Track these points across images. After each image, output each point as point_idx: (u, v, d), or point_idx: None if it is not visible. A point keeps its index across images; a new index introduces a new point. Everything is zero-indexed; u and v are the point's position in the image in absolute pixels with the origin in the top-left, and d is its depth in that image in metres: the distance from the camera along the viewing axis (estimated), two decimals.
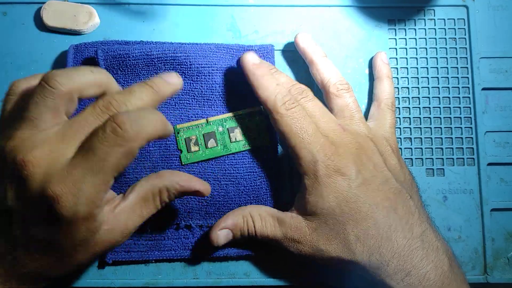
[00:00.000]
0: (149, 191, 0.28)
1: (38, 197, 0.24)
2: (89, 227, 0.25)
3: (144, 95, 0.27)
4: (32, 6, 0.37)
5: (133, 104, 0.26)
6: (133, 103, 0.26)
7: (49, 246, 0.26)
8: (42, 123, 0.25)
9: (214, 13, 0.37)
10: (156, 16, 0.37)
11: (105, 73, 0.28)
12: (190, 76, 0.35)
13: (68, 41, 0.36)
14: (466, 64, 0.38)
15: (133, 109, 0.26)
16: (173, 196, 0.29)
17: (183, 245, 0.34)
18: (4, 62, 0.36)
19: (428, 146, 0.37)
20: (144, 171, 0.34)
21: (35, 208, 0.25)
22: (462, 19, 0.38)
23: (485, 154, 0.37)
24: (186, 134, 0.34)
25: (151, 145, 0.34)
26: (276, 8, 0.38)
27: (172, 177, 0.29)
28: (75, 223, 0.24)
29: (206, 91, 0.35)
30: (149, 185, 0.29)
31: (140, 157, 0.34)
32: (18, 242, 0.26)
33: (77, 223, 0.25)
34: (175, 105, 0.35)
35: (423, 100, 0.37)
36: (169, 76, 0.29)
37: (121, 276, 0.34)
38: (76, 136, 0.25)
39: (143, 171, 0.34)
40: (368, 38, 0.38)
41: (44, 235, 0.25)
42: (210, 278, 0.34)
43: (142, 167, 0.34)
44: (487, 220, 0.36)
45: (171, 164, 0.34)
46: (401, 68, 0.38)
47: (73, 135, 0.25)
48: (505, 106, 0.37)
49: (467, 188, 0.36)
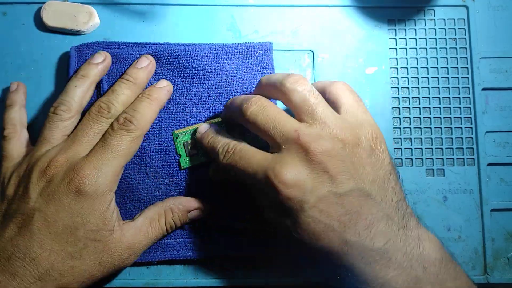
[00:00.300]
0: (155, 212, 0.33)
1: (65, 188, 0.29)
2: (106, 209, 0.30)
3: (125, 90, 0.33)
4: (32, 6, 0.37)
5: (119, 101, 0.32)
6: (119, 100, 0.32)
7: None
8: (54, 140, 0.32)
9: (214, 13, 0.37)
10: (156, 16, 0.37)
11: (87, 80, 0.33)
12: (187, 79, 0.35)
13: (68, 41, 0.36)
14: (466, 64, 0.38)
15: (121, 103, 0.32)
16: (177, 218, 0.33)
17: (185, 245, 0.34)
18: (4, 62, 0.36)
19: (428, 146, 0.37)
20: (146, 176, 0.34)
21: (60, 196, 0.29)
22: (462, 19, 0.38)
23: (485, 154, 0.37)
24: (184, 139, 0.34)
25: (152, 151, 0.34)
26: (276, 8, 0.38)
27: (176, 200, 0.33)
28: (97, 199, 0.29)
29: (203, 93, 0.35)
30: (156, 207, 0.33)
31: (141, 162, 0.34)
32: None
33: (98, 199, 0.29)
34: (173, 109, 0.35)
35: (423, 100, 0.37)
36: (140, 63, 0.34)
37: (121, 276, 0.34)
38: (83, 139, 0.31)
39: (145, 177, 0.34)
40: (368, 38, 0.38)
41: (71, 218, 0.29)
42: (210, 278, 0.34)
43: (144, 172, 0.34)
44: (487, 220, 0.36)
45: (172, 169, 0.34)
46: (401, 68, 0.38)
47: (81, 139, 0.31)
48: (505, 106, 0.37)
49: (467, 188, 0.36)
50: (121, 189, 0.34)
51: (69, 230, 0.29)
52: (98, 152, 0.30)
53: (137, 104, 0.32)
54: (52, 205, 0.29)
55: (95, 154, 0.30)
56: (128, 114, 0.32)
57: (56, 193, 0.29)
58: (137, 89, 0.34)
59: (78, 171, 0.29)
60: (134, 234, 0.31)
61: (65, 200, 0.29)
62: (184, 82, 0.35)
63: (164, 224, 0.32)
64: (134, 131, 0.31)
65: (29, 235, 0.28)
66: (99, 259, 0.30)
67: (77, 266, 0.29)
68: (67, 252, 0.29)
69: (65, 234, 0.29)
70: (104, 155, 0.30)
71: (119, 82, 0.33)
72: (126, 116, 0.31)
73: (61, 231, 0.29)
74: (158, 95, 0.33)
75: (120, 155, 0.30)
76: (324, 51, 0.37)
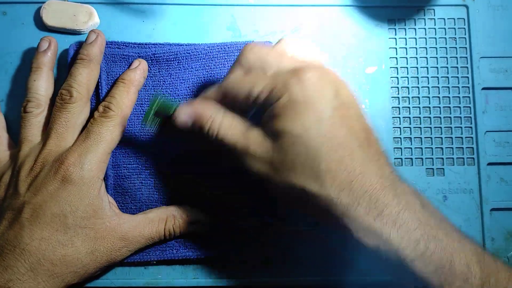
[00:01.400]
0: (157, 215, 0.33)
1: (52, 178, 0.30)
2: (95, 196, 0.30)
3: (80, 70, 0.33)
4: (32, 6, 0.37)
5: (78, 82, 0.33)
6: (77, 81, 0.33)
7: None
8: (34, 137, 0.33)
9: (214, 13, 0.37)
10: (156, 16, 0.37)
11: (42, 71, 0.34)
12: (186, 80, 0.35)
13: (68, 40, 0.36)
14: (466, 64, 0.38)
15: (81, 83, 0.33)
16: (178, 226, 0.33)
17: (184, 245, 0.34)
18: (4, 62, 0.36)
19: (428, 146, 0.37)
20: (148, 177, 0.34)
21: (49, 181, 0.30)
22: (462, 19, 0.38)
23: (485, 154, 0.37)
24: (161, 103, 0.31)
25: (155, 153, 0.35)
26: (276, 8, 0.38)
27: (180, 208, 0.33)
28: (83, 186, 0.30)
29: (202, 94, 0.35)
30: (159, 211, 0.33)
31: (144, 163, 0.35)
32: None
33: (85, 186, 0.30)
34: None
35: (423, 100, 0.37)
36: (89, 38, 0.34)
37: (121, 276, 0.34)
38: (58, 129, 0.32)
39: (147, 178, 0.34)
40: (368, 38, 0.38)
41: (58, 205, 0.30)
42: (210, 278, 0.34)
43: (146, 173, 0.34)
44: (487, 220, 0.36)
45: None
46: (401, 67, 0.38)
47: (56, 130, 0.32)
48: (505, 106, 0.37)
49: (467, 187, 0.36)
50: (123, 188, 0.34)
51: (58, 219, 0.29)
52: (81, 141, 0.31)
53: (114, 91, 0.33)
54: (39, 195, 0.29)
55: (78, 143, 0.31)
56: (106, 101, 0.32)
57: (43, 184, 0.30)
58: (93, 66, 0.34)
59: (63, 160, 0.30)
60: (130, 227, 0.31)
61: (52, 189, 0.29)
62: (183, 84, 0.35)
63: (163, 229, 0.32)
64: (114, 117, 0.32)
65: (18, 227, 0.29)
66: (91, 247, 0.30)
67: (69, 255, 0.29)
68: (57, 240, 0.29)
69: (54, 223, 0.29)
70: (87, 142, 0.31)
71: (74, 65, 0.33)
72: (105, 103, 0.32)
73: (49, 219, 0.29)
74: (132, 77, 0.34)
75: (103, 141, 0.31)
76: (324, 51, 0.37)
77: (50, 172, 0.30)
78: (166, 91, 0.35)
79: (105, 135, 0.31)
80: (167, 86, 0.35)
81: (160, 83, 0.35)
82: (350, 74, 0.37)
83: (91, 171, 0.30)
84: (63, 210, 0.29)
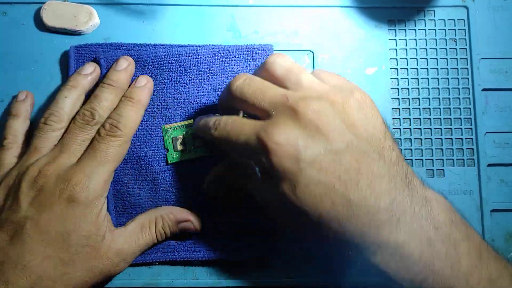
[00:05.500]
0: (146, 219, 0.33)
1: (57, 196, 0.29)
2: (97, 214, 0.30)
3: (107, 95, 0.33)
4: (32, 6, 0.37)
5: (102, 107, 0.33)
6: (102, 106, 0.33)
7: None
8: (44, 150, 0.32)
9: (214, 13, 0.37)
10: (156, 16, 0.37)
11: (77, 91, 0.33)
12: (187, 83, 0.35)
13: (68, 41, 0.36)
14: (466, 65, 0.38)
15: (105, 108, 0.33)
16: (167, 226, 0.33)
17: (186, 246, 0.34)
18: (4, 62, 0.36)
19: (428, 147, 0.37)
20: (145, 182, 0.34)
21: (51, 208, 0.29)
22: (462, 20, 0.38)
23: (485, 155, 0.37)
24: (174, 134, 0.35)
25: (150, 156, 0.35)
26: (276, 8, 0.38)
27: (167, 208, 0.34)
28: (89, 205, 0.30)
29: (202, 98, 0.35)
30: (147, 214, 0.33)
31: (140, 169, 0.34)
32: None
33: (90, 205, 0.30)
34: (171, 116, 0.35)
35: (423, 101, 0.37)
36: (119, 65, 0.34)
37: (121, 276, 0.34)
38: (72, 147, 0.32)
39: (145, 183, 0.34)
40: (368, 39, 0.38)
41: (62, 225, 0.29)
42: (210, 278, 0.34)
43: (143, 178, 0.34)
44: (487, 221, 0.36)
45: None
46: (401, 68, 0.38)
47: (69, 147, 0.32)
48: (505, 107, 0.37)
49: (467, 189, 0.36)
50: (122, 194, 0.34)
51: (62, 237, 0.29)
52: (88, 159, 0.31)
53: (122, 109, 0.33)
54: (44, 213, 0.29)
55: (84, 162, 0.31)
56: (114, 119, 0.32)
57: (47, 201, 0.29)
58: (119, 92, 0.34)
59: (69, 179, 0.30)
60: (124, 240, 0.31)
61: (57, 208, 0.29)
62: (184, 87, 0.35)
63: (154, 231, 0.33)
64: (121, 136, 0.32)
65: (20, 243, 0.28)
66: (90, 265, 0.30)
67: (69, 273, 0.29)
68: (60, 258, 0.29)
69: (58, 241, 0.29)
70: (94, 162, 0.31)
71: (101, 87, 0.33)
72: (112, 122, 0.32)
73: (53, 238, 0.29)
74: (140, 96, 0.33)
75: (109, 160, 0.31)
76: (324, 52, 0.37)
77: (56, 189, 0.29)
78: (167, 94, 0.35)
79: (112, 155, 0.31)
80: (168, 89, 0.35)
81: (160, 86, 0.35)
82: (350, 75, 0.37)
83: (96, 191, 0.30)
84: (67, 229, 0.29)
